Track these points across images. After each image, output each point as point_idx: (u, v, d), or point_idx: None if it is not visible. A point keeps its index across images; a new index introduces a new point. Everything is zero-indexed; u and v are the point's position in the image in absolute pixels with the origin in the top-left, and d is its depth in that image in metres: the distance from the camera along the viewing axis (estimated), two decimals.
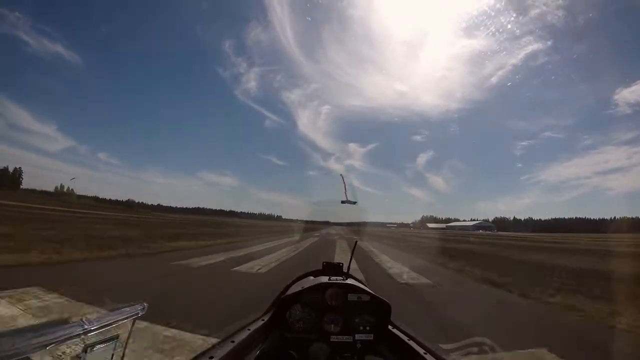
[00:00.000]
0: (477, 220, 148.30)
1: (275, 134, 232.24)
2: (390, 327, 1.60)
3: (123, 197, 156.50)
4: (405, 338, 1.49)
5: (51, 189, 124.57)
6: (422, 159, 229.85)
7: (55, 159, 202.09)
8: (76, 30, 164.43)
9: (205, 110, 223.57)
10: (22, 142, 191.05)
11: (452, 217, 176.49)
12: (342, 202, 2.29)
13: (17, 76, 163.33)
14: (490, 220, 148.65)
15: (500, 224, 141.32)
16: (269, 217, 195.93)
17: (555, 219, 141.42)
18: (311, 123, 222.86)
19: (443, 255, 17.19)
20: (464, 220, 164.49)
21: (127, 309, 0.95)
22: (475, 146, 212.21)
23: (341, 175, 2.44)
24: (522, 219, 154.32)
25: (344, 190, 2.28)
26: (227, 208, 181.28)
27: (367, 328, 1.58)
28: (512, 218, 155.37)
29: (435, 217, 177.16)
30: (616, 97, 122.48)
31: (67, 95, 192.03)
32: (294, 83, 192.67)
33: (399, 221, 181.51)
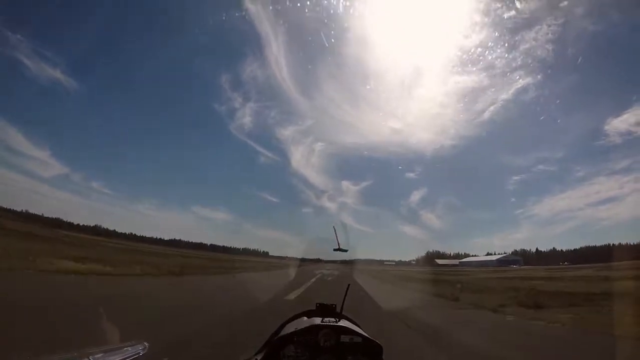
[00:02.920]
0: (494, 254, 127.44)
1: (269, 170, 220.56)
2: None
3: (115, 227, 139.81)
4: None
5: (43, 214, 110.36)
6: (416, 196, 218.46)
7: (49, 184, 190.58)
8: (75, 57, 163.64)
9: (201, 144, 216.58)
10: (16, 165, 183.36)
11: (460, 252, 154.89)
12: (334, 250, 2.26)
13: (14, 99, 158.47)
14: (507, 252, 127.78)
15: (522, 256, 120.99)
16: (255, 253, 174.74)
17: (587, 247, 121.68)
18: (305, 160, 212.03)
19: None
20: (474, 255, 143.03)
21: (130, 348, 0.96)
22: (469, 182, 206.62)
23: (334, 227, 2.30)
24: (544, 250, 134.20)
25: (337, 240, 2.24)
26: (209, 242, 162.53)
27: None
28: (534, 250, 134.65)
29: (442, 253, 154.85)
30: (607, 127, 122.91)
31: (62, 121, 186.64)
32: (288, 119, 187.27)
33: (396, 258, 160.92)
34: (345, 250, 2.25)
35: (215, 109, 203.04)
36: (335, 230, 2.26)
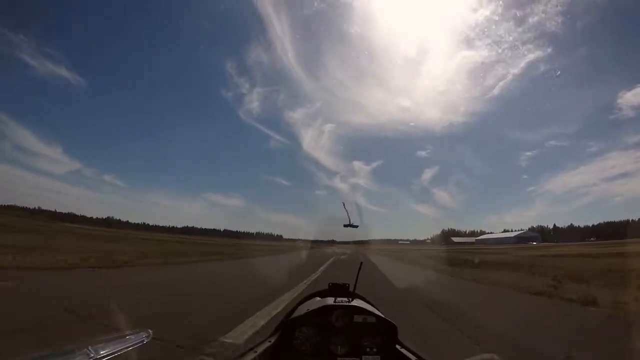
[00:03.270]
0: (511, 230, 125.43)
1: (280, 154, 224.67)
2: (398, 346, 1.56)
3: (129, 219, 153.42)
4: (413, 358, 1.47)
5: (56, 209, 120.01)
6: (428, 174, 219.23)
7: (61, 181, 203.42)
8: (79, 53, 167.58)
9: (211, 132, 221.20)
10: (28, 164, 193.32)
11: (475, 229, 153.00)
12: (345, 226, 2.24)
13: (21, 98, 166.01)
14: (523, 229, 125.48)
15: (539, 232, 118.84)
16: (269, 237, 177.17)
17: (606, 222, 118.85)
18: (315, 142, 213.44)
19: None
20: (490, 233, 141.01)
21: (133, 336, 0.93)
22: (481, 159, 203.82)
23: (343, 203, 2.27)
24: (562, 226, 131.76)
25: (347, 216, 2.23)
26: (223, 228, 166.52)
27: (374, 350, 1.54)
28: (551, 226, 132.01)
29: (457, 231, 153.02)
30: (619, 100, 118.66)
31: (71, 118, 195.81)
32: (296, 102, 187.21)
33: (410, 237, 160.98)
34: (356, 226, 2.22)
35: (222, 96, 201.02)
36: (344, 206, 2.23)
